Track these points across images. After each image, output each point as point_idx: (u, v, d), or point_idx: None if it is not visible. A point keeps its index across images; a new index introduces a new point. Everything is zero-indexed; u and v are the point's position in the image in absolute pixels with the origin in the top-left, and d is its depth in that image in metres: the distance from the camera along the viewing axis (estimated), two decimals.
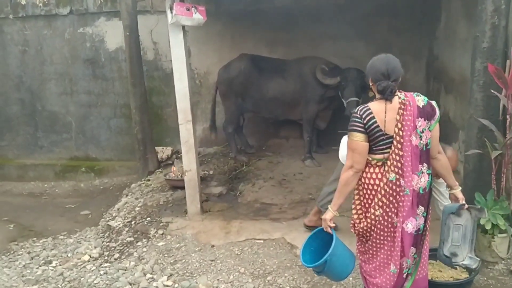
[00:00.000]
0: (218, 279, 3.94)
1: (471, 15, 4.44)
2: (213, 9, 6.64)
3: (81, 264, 4.47)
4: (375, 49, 6.92)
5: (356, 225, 2.93)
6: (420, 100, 2.74)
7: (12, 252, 4.95)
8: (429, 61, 6.86)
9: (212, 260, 4.25)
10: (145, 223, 5.13)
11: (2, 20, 7.52)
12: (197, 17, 4.69)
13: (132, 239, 4.86)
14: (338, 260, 2.87)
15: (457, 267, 3.32)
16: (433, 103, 2.81)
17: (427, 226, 2.88)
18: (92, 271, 4.31)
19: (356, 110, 2.79)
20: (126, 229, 5.09)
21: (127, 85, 6.88)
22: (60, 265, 4.53)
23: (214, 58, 7.36)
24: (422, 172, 2.74)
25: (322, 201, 4.32)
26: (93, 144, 7.74)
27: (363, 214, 2.90)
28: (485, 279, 3.67)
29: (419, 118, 2.69)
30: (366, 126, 2.71)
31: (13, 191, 7.36)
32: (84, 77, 7.52)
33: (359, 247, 3.04)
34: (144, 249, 4.58)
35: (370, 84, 2.85)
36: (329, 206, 2.94)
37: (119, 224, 5.23)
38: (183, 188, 5.21)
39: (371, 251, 2.92)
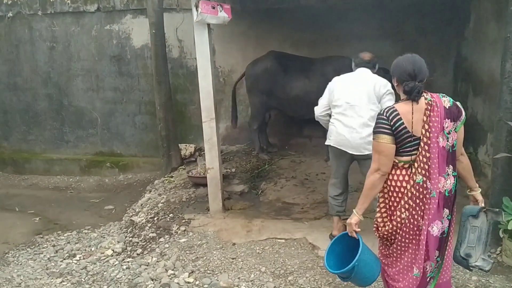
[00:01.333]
0: (239, 278, 3.94)
1: (502, 15, 4.34)
2: (238, 8, 6.63)
3: (104, 258, 4.53)
4: (402, 49, 6.82)
5: (380, 228, 2.89)
6: (446, 101, 2.69)
7: (37, 245, 5.04)
8: (457, 62, 6.73)
9: (233, 258, 4.26)
10: (168, 219, 5.17)
11: (31, 17, 7.66)
12: (222, 15, 4.70)
13: (154, 235, 4.90)
14: (366, 265, 2.81)
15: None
16: (458, 104, 2.74)
17: (451, 229, 2.82)
18: (115, 265, 4.36)
19: (382, 112, 2.73)
20: (149, 224, 5.14)
21: (152, 82, 6.95)
22: (83, 258, 4.60)
23: (238, 57, 7.37)
24: (448, 174, 2.68)
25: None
26: (118, 140, 7.84)
27: (388, 217, 2.85)
28: (511, 285, 3.59)
29: (446, 119, 2.64)
30: (393, 128, 2.65)
31: (39, 184, 7.51)
32: (110, 73, 7.62)
33: (382, 250, 2.99)
34: (166, 245, 4.61)
35: (395, 84, 2.80)
36: (354, 210, 2.86)
37: (142, 220, 5.28)
38: (205, 185, 5.23)
39: (395, 255, 2.87)
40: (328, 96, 4.26)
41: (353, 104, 4.07)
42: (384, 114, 2.69)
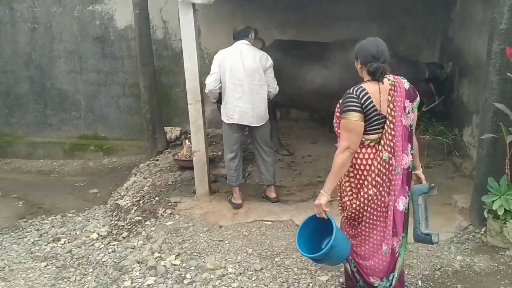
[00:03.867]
0: (225, 259, 3.94)
1: None
2: None
3: (90, 242, 4.49)
4: (389, 31, 6.89)
5: (347, 207, 2.94)
6: (406, 83, 2.84)
7: (21, 229, 4.97)
8: (443, 44, 6.74)
9: (220, 241, 4.25)
10: (154, 203, 5.14)
11: None
12: None
13: (140, 218, 4.87)
14: (340, 244, 2.80)
15: None
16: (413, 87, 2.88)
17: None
18: (100, 249, 4.33)
19: (351, 91, 2.77)
20: (135, 208, 5.10)
21: (136, 64, 6.83)
22: (68, 242, 4.55)
23: (223, 38, 7.20)
24: (408, 152, 2.80)
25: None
26: (102, 123, 7.72)
27: (355, 195, 2.90)
28: (496, 264, 3.64)
29: (406, 100, 2.77)
30: (364, 106, 2.71)
31: (22, 168, 7.38)
32: (93, 55, 7.47)
33: (349, 231, 3.02)
34: (152, 228, 4.58)
35: (359, 66, 2.88)
36: (322, 191, 2.84)
37: (127, 203, 5.24)
38: (191, 168, 5.20)
39: (363, 233, 2.93)
40: (219, 70, 4.60)
41: (249, 81, 4.55)
42: (354, 93, 2.74)
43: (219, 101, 4.83)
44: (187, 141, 6.02)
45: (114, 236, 4.59)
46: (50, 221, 5.16)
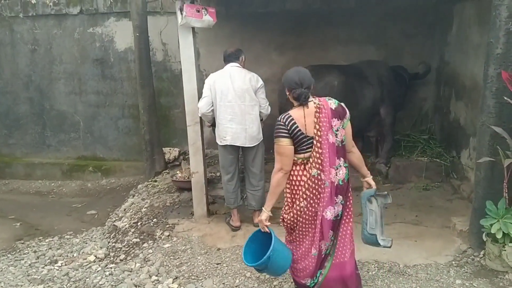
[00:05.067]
0: (223, 283, 3.91)
1: (485, 21, 4.39)
2: (223, 11, 6.62)
3: (87, 265, 4.45)
4: (386, 53, 6.97)
5: (284, 218, 3.28)
6: (332, 103, 3.13)
7: (18, 250, 4.94)
8: (440, 67, 6.80)
9: (218, 264, 4.22)
10: (151, 224, 5.12)
11: (12, 19, 7.54)
12: (207, 19, 4.67)
13: (138, 240, 4.84)
14: (279, 255, 3.10)
15: None
16: (343, 104, 3.17)
17: (346, 213, 3.22)
18: (97, 271, 4.29)
19: (279, 119, 3.12)
20: (132, 230, 5.08)
21: (135, 85, 6.89)
22: (65, 265, 4.52)
23: (222, 60, 7.32)
24: (340, 166, 3.12)
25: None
26: (101, 144, 7.74)
27: (289, 207, 3.25)
28: None
29: (333, 119, 3.08)
30: (290, 131, 3.06)
31: (20, 189, 7.38)
32: (93, 77, 7.53)
33: (287, 237, 3.38)
34: (150, 251, 4.56)
35: (288, 93, 3.18)
36: (263, 208, 3.25)
37: (125, 225, 5.22)
38: (190, 189, 5.20)
39: (297, 240, 3.27)
40: (210, 93, 4.67)
41: (239, 102, 4.60)
42: (281, 120, 3.10)
43: (213, 124, 4.86)
44: (184, 163, 6.03)
45: (112, 258, 4.56)
46: (48, 242, 5.13)
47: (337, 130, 3.08)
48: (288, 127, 3.06)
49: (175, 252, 4.49)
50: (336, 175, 3.09)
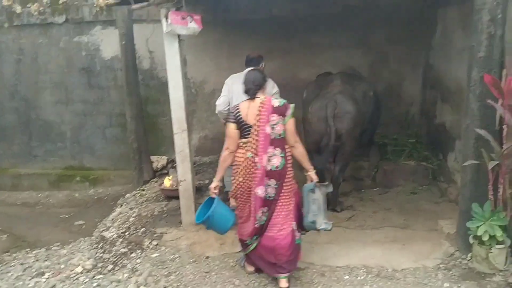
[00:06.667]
0: None
1: (467, 25, 4.43)
2: (210, 18, 6.62)
3: (74, 276, 4.39)
4: (372, 58, 7.01)
5: (233, 189, 3.89)
6: (277, 101, 3.70)
7: (4, 263, 4.86)
8: (425, 71, 6.86)
9: (206, 272, 4.19)
10: (139, 234, 5.08)
11: None
12: (193, 26, 4.66)
13: (126, 250, 4.79)
14: (219, 217, 3.79)
15: None
16: (292, 105, 3.71)
17: (284, 197, 3.75)
18: (85, 283, 4.22)
19: (231, 108, 3.90)
20: (120, 240, 5.03)
21: (122, 94, 6.86)
22: (53, 276, 4.44)
23: (211, 66, 7.35)
24: (275, 155, 3.64)
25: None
26: (88, 153, 7.69)
27: (234, 181, 3.85)
28: None
29: (273, 114, 3.63)
30: (236, 118, 3.74)
31: (7, 200, 7.28)
32: (80, 86, 7.49)
33: (236, 203, 3.97)
34: (138, 261, 4.51)
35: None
36: (214, 178, 3.91)
37: (113, 235, 5.17)
38: (178, 198, 5.16)
39: (241, 206, 3.89)
40: (228, 94, 4.94)
41: None
42: (231, 110, 3.86)
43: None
44: (173, 171, 6.00)
45: (99, 269, 4.49)
46: (35, 254, 5.05)
47: (275, 124, 3.63)
48: (235, 115, 3.75)
49: (164, 261, 4.45)
50: (269, 161, 3.63)
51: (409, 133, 6.91)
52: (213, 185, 3.91)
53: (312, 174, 3.85)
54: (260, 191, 3.68)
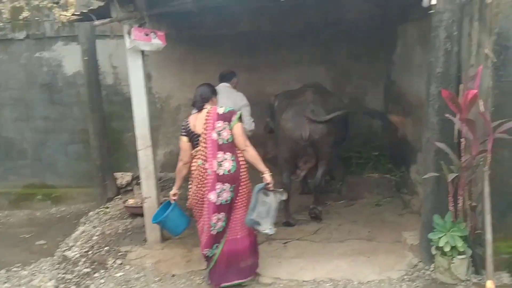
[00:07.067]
0: None
1: (426, 41, 4.57)
2: (174, 34, 6.62)
3: None
4: (336, 74, 7.14)
5: (189, 199, 4.06)
6: (221, 109, 3.91)
7: None
8: (387, 86, 7.03)
9: None
10: (103, 253, 4.98)
11: None
12: (156, 42, 4.65)
13: (89, 270, 4.68)
14: (173, 221, 4.18)
15: None
16: (238, 113, 3.95)
17: (239, 199, 3.91)
18: None
19: (183, 122, 4.07)
20: (83, 259, 4.92)
21: (85, 110, 6.74)
22: None
23: (176, 82, 7.32)
24: (226, 159, 3.80)
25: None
26: (50, 170, 7.48)
27: (190, 190, 4.04)
28: None
29: (218, 121, 3.84)
30: (187, 131, 3.96)
31: None
32: (41, 102, 7.30)
33: (195, 217, 4.10)
34: (102, 281, 4.41)
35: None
36: (174, 187, 4.21)
37: (75, 255, 5.05)
38: (142, 215, 5.08)
39: (197, 216, 4.02)
40: None
41: None
42: (183, 123, 4.05)
43: None
44: (137, 187, 5.92)
45: None
46: None
47: (221, 130, 3.83)
48: (186, 128, 3.98)
49: (128, 280, 4.36)
50: (220, 166, 3.78)
51: (373, 146, 7.05)
52: (172, 192, 4.23)
53: (266, 176, 3.95)
54: (212, 196, 3.80)
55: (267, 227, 3.87)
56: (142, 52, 4.73)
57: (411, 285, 3.94)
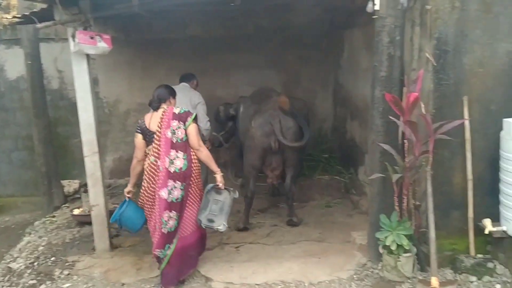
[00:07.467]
0: None
1: (371, 46, 4.69)
2: (122, 37, 6.51)
3: None
4: (286, 77, 7.22)
5: (141, 197, 4.10)
6: (178, 109, 4.02)
7: None
8: (335, 89, 7.17)
9: None
10: (49, 264, 4.79)
11: None
12: (102, 45, 4.53)
13: (34, 281, 4.49)
14: (130, 217, 4.21)
15: None
16: (193, 114, 4.06)
17: (190, 197, 4.01)
18: None
19: (138, 121, 4.14)
20: (29, 271, 4.72)
21: (29, 115, 6.50)
22: None
23: (124, 86, 7.20)
24: (178, 157, 3.89)
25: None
26: None
27: (141, 187, 4.06)
28: None
29: (174, 120, 3.93)
30: (141, 129, 4.03)
31: None
32: None
33: (146, 215, 4.14)
34: None
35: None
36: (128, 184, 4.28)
37: (20, 266, 4.84)
38: (91, 223, 4.94)
39: (148, 215, 4.06)
40: None
41: None
42: (138, 121, 4.12)
43: None
44: (85, 195, 5.75)
45: None
46: None
47: (176, 129, 3.92)
48: (141, 126, 4.04)
49: None
50: (172, 164, 3.87)
51: (323, 149, 7.16)
52: (126, 189, 4.30)
53: (218, 176, 4.12)
54: (163, 193, 3.86)
55: (221, 223, 4.05)
56: (88, 55, 4.62)
57: (360, 284, 4.02)
